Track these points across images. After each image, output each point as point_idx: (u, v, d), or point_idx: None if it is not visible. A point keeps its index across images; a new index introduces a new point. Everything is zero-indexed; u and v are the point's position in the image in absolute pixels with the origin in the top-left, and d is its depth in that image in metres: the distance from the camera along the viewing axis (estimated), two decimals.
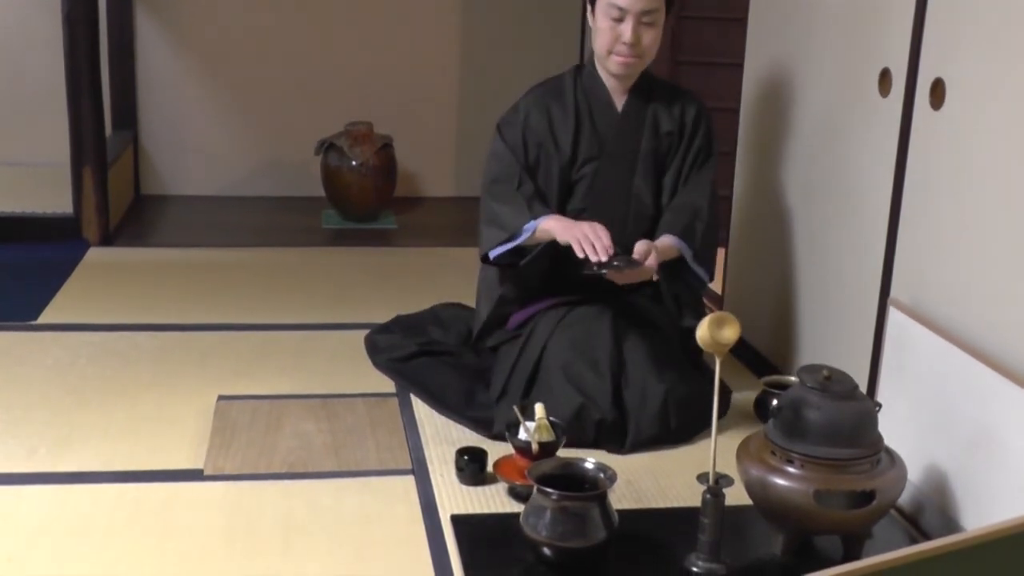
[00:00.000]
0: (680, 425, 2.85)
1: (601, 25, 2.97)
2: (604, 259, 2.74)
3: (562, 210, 3.02)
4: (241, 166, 5.45)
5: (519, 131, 3.04)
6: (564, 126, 3.03)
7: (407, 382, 3.13)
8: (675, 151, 3.07)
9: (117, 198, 4.73)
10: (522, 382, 2.89)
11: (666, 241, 2.95)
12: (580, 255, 2.78)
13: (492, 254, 3.00)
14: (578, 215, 2.99)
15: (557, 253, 2.91)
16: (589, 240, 2.77)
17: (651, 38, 2.96)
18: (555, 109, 3.05)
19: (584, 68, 3.10)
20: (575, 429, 2.73)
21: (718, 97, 4.02)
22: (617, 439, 2.80)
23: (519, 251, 2.97)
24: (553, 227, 2.88)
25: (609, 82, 3.04)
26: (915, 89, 2.55)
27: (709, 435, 2.26)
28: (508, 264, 3.01)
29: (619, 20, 2.93)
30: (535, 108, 3.05)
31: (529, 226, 2.93)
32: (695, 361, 3.00)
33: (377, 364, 3.28)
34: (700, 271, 3.03)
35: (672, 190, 3.07)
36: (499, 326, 3.10)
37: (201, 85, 5.35)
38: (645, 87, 3.06)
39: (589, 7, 3.04)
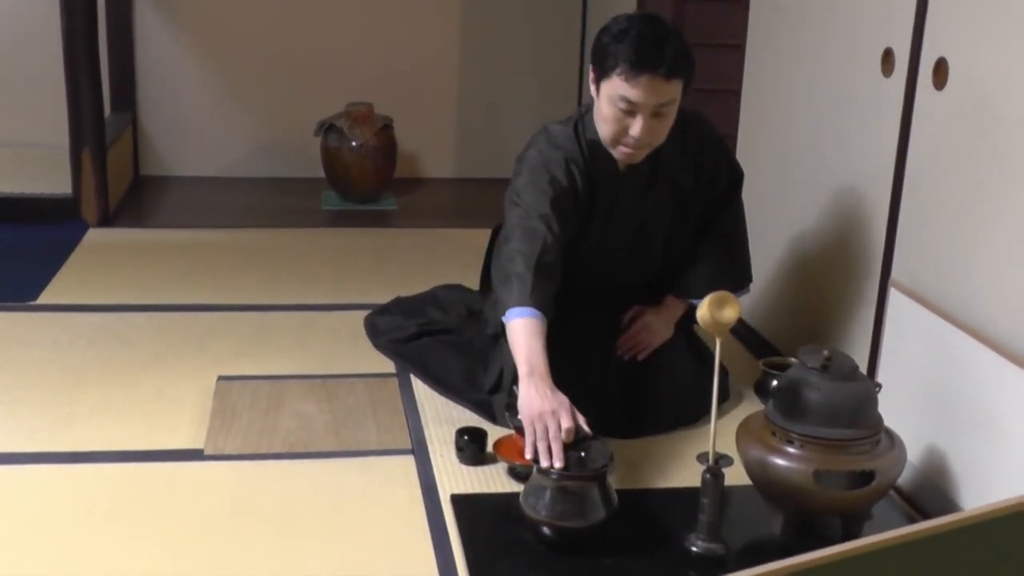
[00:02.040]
0: (687, 413, 2.85)
1: (606, 113, 2.57)
2: (557, 465, 2.23)
3: (567, 273, 2.66)
4: (241, 147, 5.44)
5: (571, 195, 2.68)
6: (580, 191, 2.73)
7: (408, 364, 3.13)
8: (694, 201, 2.84)
9: (116, 179, 4.72)
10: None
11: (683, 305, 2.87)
12: (529, 455, 2.30)
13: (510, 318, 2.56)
14: (582, 280, 2.79)
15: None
16: (545, 442, 2.27)
17: (665, 126, 2.60)
18: (573, 168, 2.69)
19: (584, 125, 2.72)
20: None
21: (719, 78, 4.01)
22: (621, 431, 2.76)
23: None
24: (519, 361, 2.44)
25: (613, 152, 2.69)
26: (918, 69, 2.55)
27: (709, 417, 2.26)
28: None
29: (629, 113, 2.54)
30: (568, 166, 2.68)
31: (509, 314, 2.52)
32: (692, 340, 2.98)
33: (378, 346, 3.28)
34: (745, 291, 2.93)
35: (692, 236, 2.87)
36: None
37: (201, 66, 5.33)
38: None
39: (592, 80, 2.63)
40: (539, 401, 2.34)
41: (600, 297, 2.89)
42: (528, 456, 2.30)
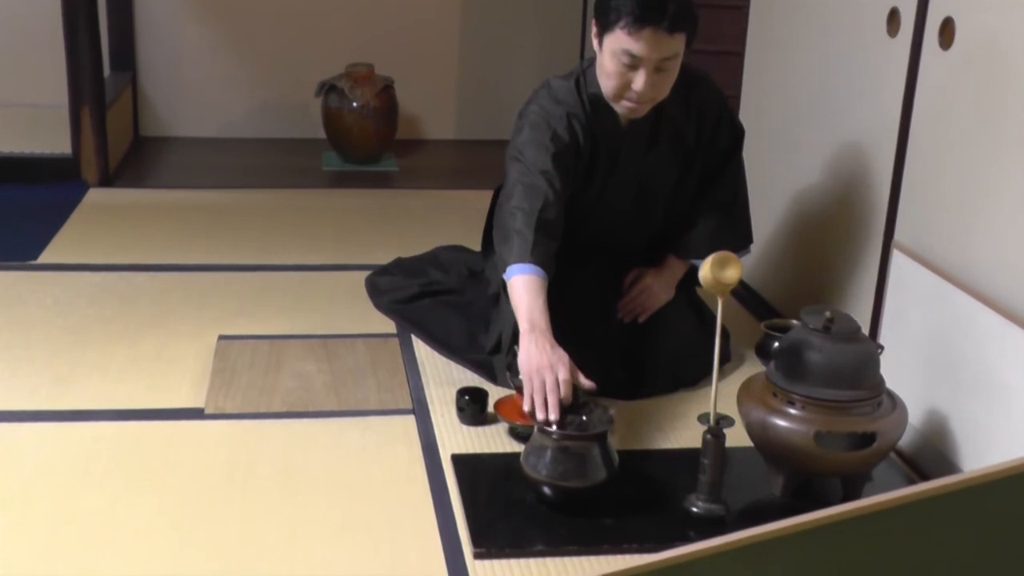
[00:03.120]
0: (687, 374, 2.85)
1: (609, 68, 2.56)
2: (554, 418, 2.25)
3: (569, 228, 2.67)
4: (241, 107, 5.42)
5: (572, 152, 2.68)
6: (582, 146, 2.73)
7: (409, 324, 3.12)
8: (696, 158, 2.83)
9: (116, 139, 4.70)
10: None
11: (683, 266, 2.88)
12: (526, 407, 2.32)
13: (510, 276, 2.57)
14: (585, 234, 2.81)
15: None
16: (542, 394, 2.29)
17: (668, 81, 2.59)
18: (576, 125, 2.70)
19: (586, 80, 2.71)
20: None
21: (722, 39, 3.99)
22: (621, 391, 2.76)
23: None
24: (520, 317, 2.45)
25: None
26: (924, 29, 2.53)
27: (710, 379, 2.26)
28: None
29: (631, 67, 2.53)
30: (569, 122, 2.68)
31: (510, 271, 2.52)
32: (693, 301, 2.97)
33: (379, 306, 3.27)
34: (746, 252, 2.93)
35: (692, 195, 2.87)
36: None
37: (201, 26, 5.30)
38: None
39: (594, 35, 2.62)
40: (538, 356, 2.34)
41: (602, 256, 2.89)
42: (525, 408, 2.32)
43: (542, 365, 2.32)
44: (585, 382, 2.34)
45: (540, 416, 2.26)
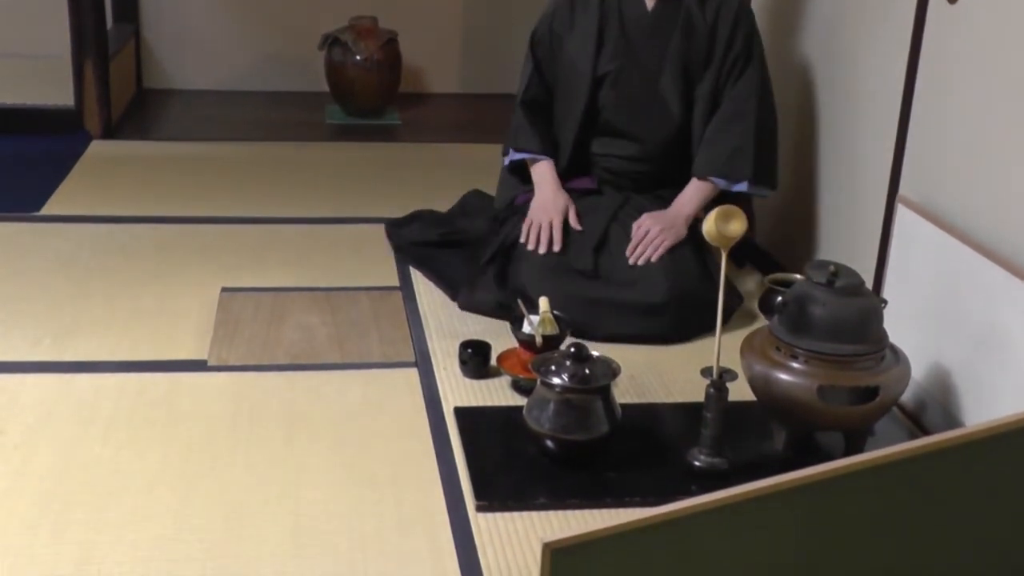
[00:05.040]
0: (677, 323, 2.82)
1: None
2: (542, 251, 2.85)
3: (588, 118, 3.00)
4: (244, 60, 5.39)
5: (546, 42, 3.03)
6: (588, 31, 2.95)
7: (421, 267, 3.16)
8: (710, 58, 2.92)
9: (119, 91, 4.68)
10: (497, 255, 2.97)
11: (700, 189, 2.92)
12: (523, 239, 2.89)
13: (506, 160, 3.14)
14: (602, 125, 3.00)
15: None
16: (538, 232, 2.86)
17: None
18: (579, 11, 2.97)
19: None
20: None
21: None
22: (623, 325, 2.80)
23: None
24: (536, 182, 3.01)
25: None
26: None
27: (712, 334, 2.26)
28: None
29: None
30: (560, 11, 3.01)
31: (520, 156, 3.05)
32: (704, 259, 2.96)
33: (395, 245, 3.32)
34: (762, 191, 2.97)
35: (709, 103, 2.94)
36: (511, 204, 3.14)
37: None
38: None
39: None
40: (542, 199, 2.94)
41: (621, 172, 2.99)
42: (521, 239, 2.85)
43: (546, 206, 2.91)
44: (575, 224, 2.88)
45: (531, 247, 2.83)
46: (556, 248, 2.85)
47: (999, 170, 2.26)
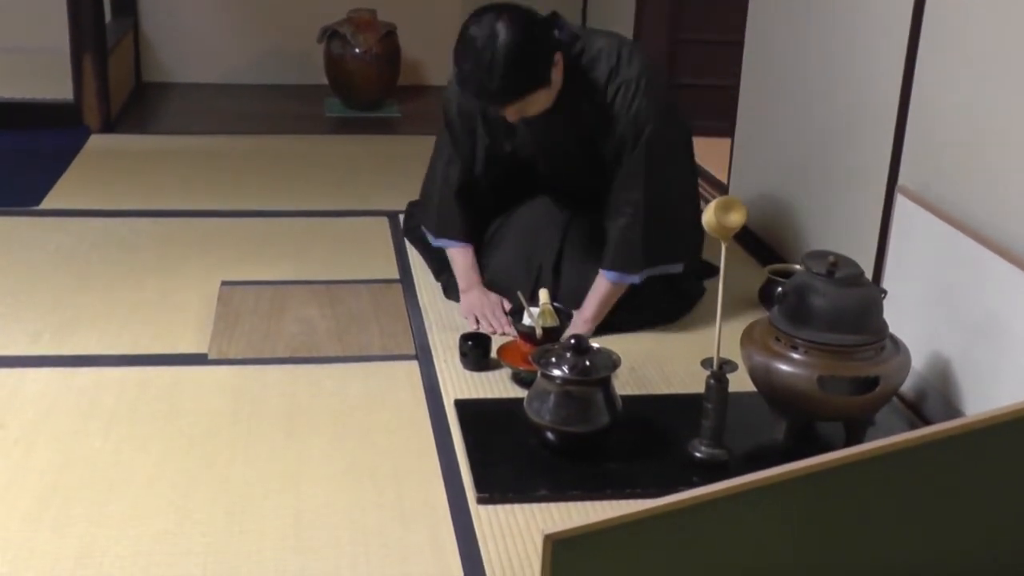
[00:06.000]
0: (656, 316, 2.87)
1: None
2: (506, 331, 2.75)
3: (518, 179, 2.98)
4: (243, 53, 5.39)
5: (457, 124, 2.95)
6: (496, 120, 2.83)
7: (431, 256, 3.17)
8: (599, 136, 2.76)
9: (118, 85, 4.68)
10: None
11: (603, 289, 2.78)
12: (472, 327, 2.80)
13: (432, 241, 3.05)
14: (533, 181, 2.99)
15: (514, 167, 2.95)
16: (486, 320, 2.81)
17: (537, 109, 2.66)
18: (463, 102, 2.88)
19: None
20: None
21: None
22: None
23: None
24: (457, 274, 2.95)
25: None
26: None
27: (713, 323, 2.26)
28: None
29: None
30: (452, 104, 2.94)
31: (441, 244, 2.99)
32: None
33: (408, 228, 3.37)
34: (668, 269, 2.84)
35: (616, 163, 2.78)
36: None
37: None
38: (569, 83, 2.69)
39: None
40: (472, 303, 2.87)
41: (552, 194, 2.99)
42: (472, 327, 2.75)
43: (479, 307, 2.84)
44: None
45: (499, 332, 2.75)
46: (508, 330, 2.74)
47: (998, 160, 2.25)
